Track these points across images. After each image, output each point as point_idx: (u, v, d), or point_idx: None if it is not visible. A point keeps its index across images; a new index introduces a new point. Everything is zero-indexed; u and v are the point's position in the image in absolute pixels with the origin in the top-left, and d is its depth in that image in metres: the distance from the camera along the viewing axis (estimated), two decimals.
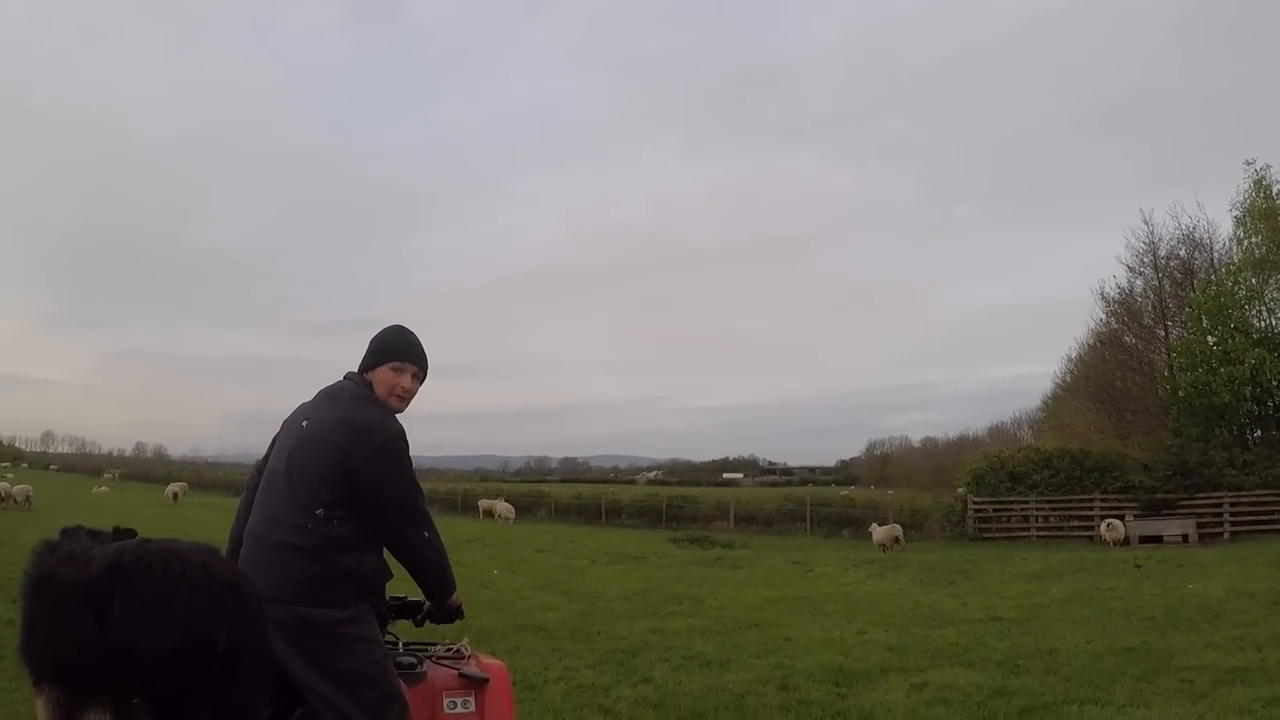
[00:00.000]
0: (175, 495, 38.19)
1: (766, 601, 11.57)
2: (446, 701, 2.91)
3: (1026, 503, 26.98)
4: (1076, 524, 25.75)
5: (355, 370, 2.97)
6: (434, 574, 2.91)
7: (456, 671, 3.00)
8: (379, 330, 3.03)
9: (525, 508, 37.02)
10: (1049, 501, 26.77)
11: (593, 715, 5.76)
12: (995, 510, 27.54)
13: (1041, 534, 25.82)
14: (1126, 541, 22.28)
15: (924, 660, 7.52)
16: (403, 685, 2.77)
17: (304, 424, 2.80)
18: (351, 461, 2.68)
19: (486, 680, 2.99)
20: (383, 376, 2.92)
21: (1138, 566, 15.12)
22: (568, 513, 37.94)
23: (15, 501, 27.51)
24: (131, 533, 2.38)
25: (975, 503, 27.59)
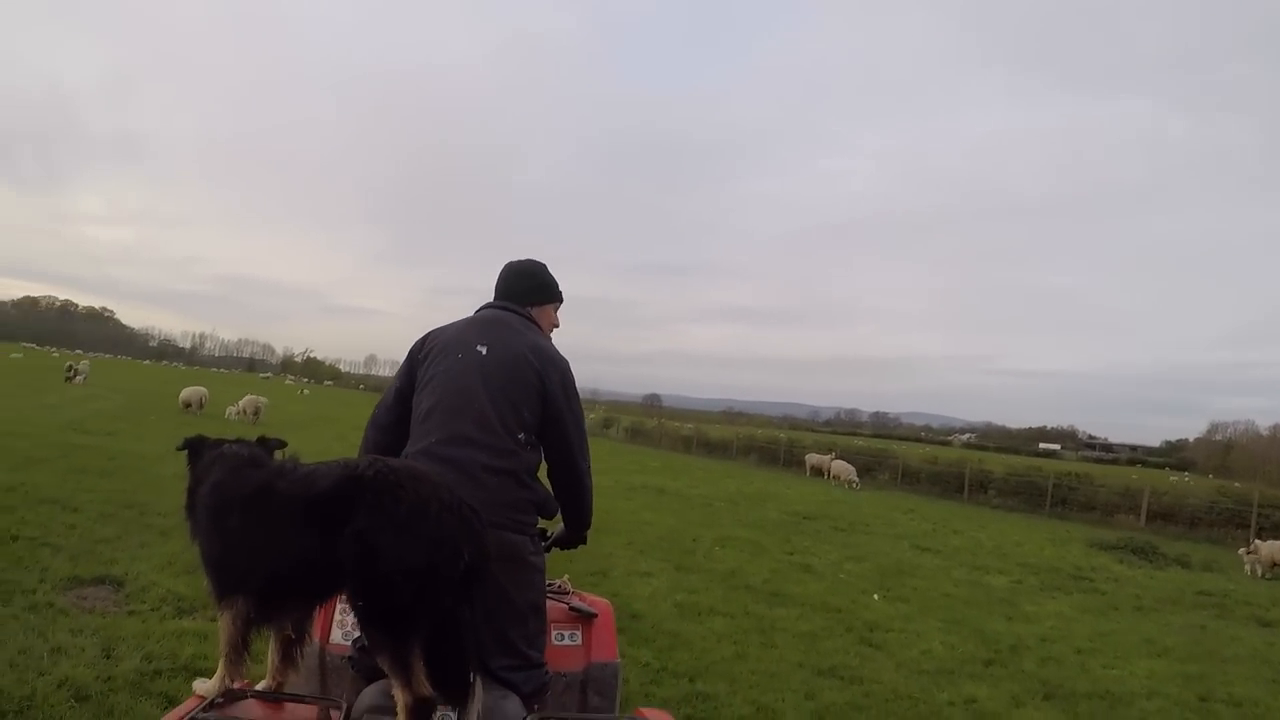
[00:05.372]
0: None
1: None
2: (554, 633, 2.88)
3: None
4: None
5: (500, 301, 2.91)
6: (586, 504, 2.86)
7: (567, 605, 2.99)
8: (523, 263, 2.99)
9: (863, 468, 31.10)
10: None
11: None
12: None
13: None
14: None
15: None
16: None
17: (480, 349, 2.67)
18: (546, 388, 2.66)
19: (595, 616, 2.99)
20: (548, 314, 2.98)
21: None
22: (916, 480, 31.72)
23: (245, 414, 26.32)
24: (282, 443, 2.32)
25: None
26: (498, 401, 2.57)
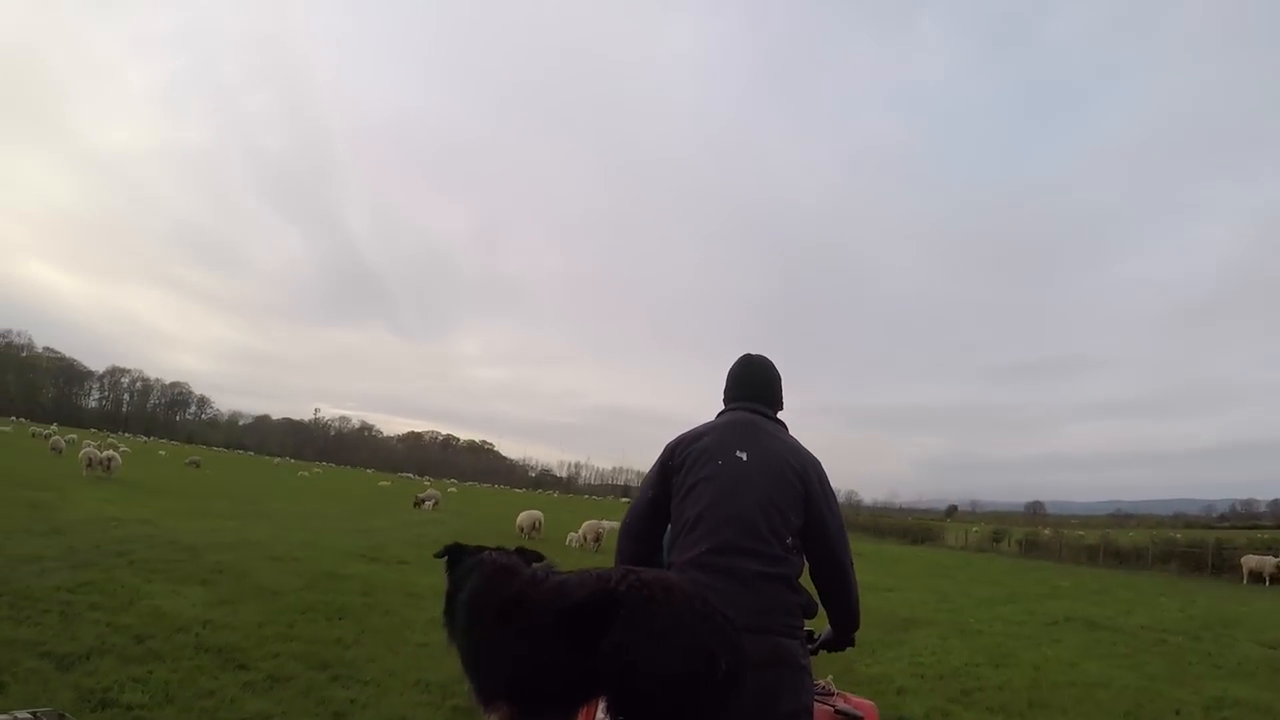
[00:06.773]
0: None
1: None
2: None
3: None
4: None
5: (748, 403, 2.89)
6: (854, 602, 2.79)
7: (832, 708, 2.96)
8: (765, 365, 2.99)
9: None
10: None
11: None
12: None
13: None
14: None
15: None
16: None
17: (740, 455, 2.66)
18: (809, 491, 2.65)
19: (860, 718, 2.94)
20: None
21: None
22: None
23: (585, 540, 23.45)
24: (539, 556, 2.31)
25: None
26: (765, 508, 2.58)
